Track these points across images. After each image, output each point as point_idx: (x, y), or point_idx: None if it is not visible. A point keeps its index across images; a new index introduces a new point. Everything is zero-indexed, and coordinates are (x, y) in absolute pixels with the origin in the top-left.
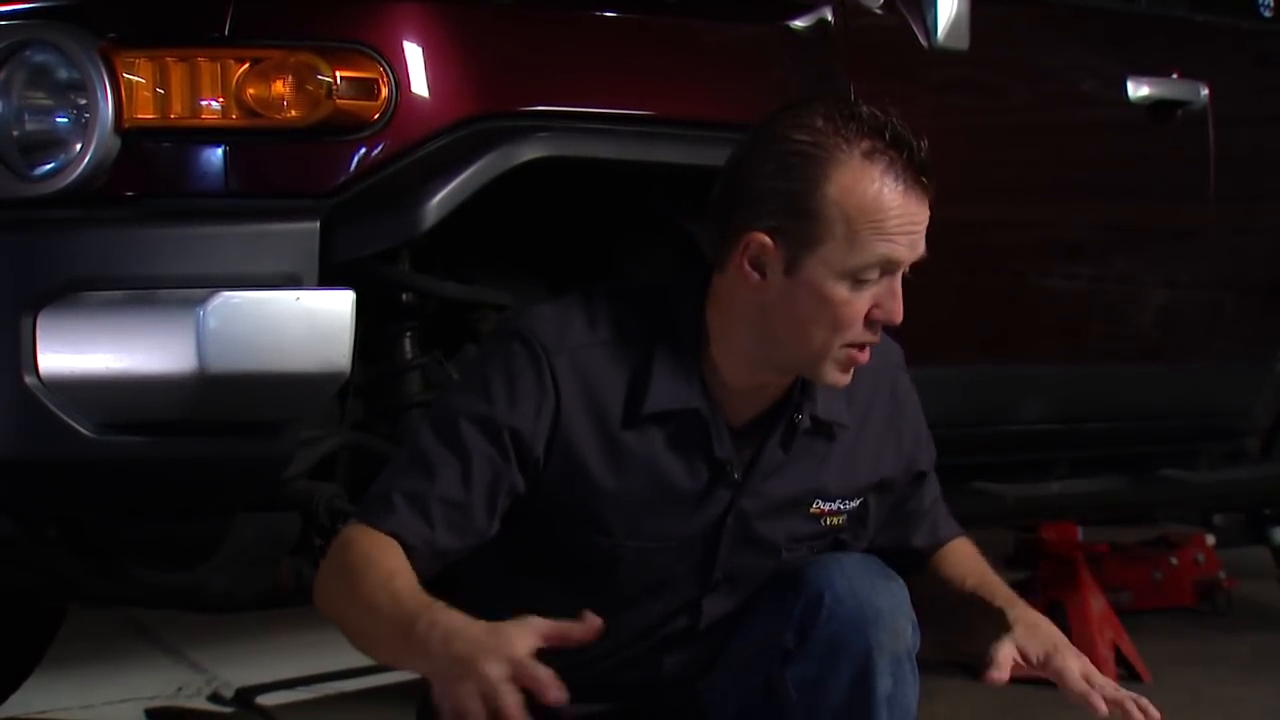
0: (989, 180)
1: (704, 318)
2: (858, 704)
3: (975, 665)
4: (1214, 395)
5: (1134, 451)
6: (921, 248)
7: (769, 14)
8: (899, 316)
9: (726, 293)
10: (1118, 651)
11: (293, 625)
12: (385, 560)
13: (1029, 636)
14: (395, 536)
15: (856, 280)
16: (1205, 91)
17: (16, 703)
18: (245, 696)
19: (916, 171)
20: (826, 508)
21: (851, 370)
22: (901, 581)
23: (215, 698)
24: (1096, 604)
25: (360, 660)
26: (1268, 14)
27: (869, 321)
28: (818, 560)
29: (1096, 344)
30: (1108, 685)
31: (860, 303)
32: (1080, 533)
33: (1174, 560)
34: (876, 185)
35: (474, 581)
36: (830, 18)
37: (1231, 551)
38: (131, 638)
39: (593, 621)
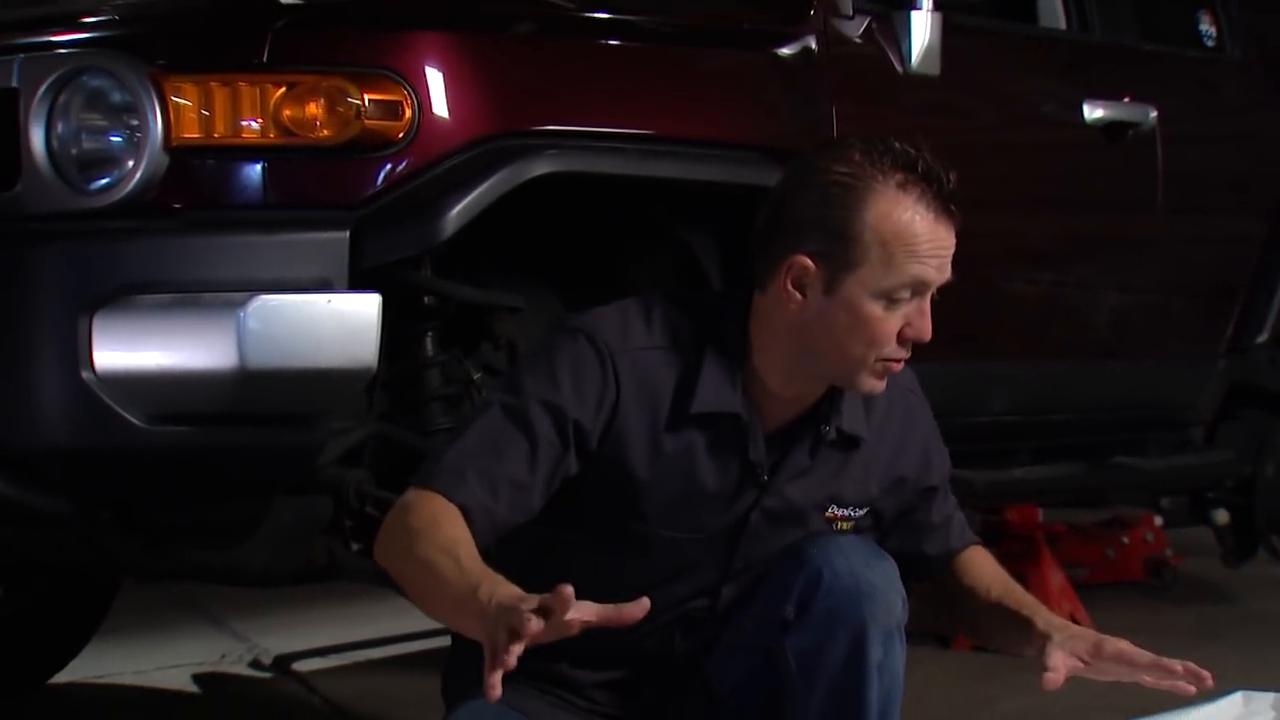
0: (960, 196)
1: (748, 332)
2: (852, 671)
3: (949, 638)
4: (1162, 389)
5: (1090, 440)
6: (949, 271)
7: (759, 43)
8: (928, 334)
9: (769, 311)
10: (1075, 621)
11: (326, 598)
12: (450, 527)
13: (1071, 638)
14: (463, 508)
15: (890, 300)
16: (1154, 114)
17: (74, 668)
18: (282, 663)
19: (945, 201)
20: (840, 513)
21: (885, 378)
22: (893, 561)
23: (255, 664)
24: (1055, 578)
25: (386, 631)
26: (1210, 43)
27: (901, 339)
28: (817, 540)
29: (1056, 343)
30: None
31: (893, 321)
32: (1041, 514)
33: (1125, 539)
34: (909, 213)
35: (514, 549)
36: (814, 46)
37: (1177, 531)
38: (179, 609)
39: (641, 603)
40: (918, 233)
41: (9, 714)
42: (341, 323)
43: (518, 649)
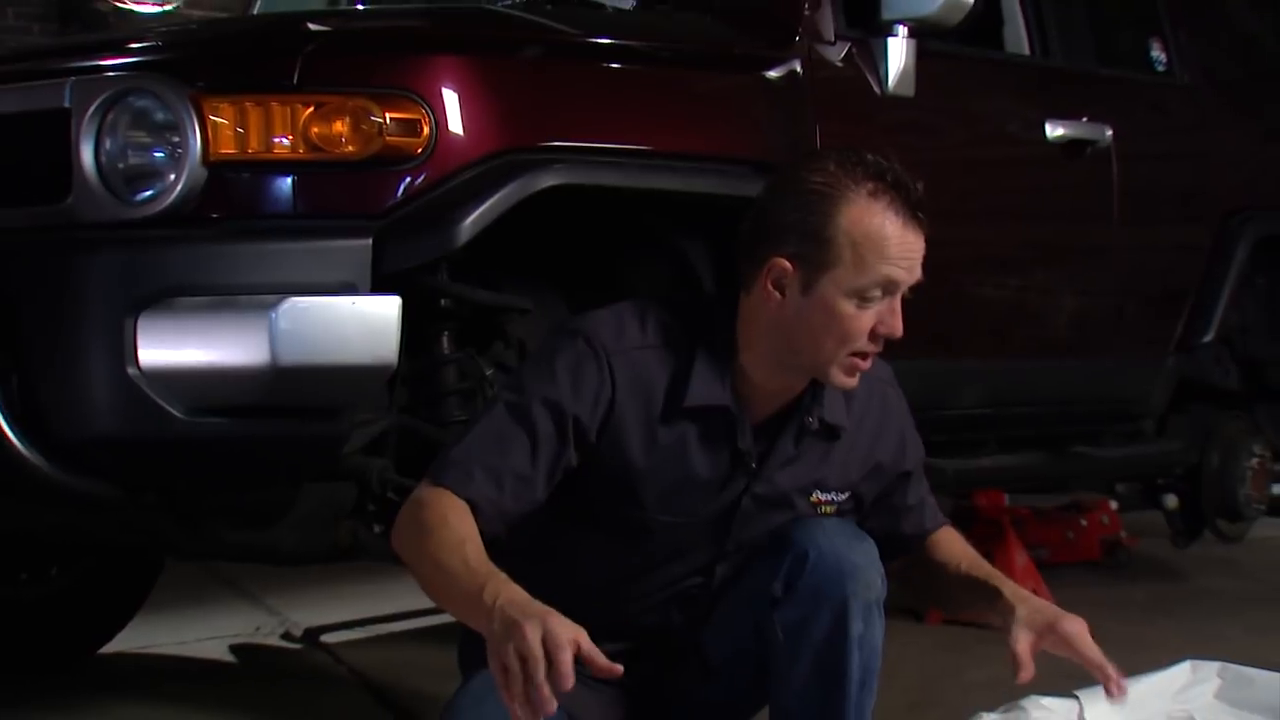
0: (933, 207)
1: (734, 331)
2: (835, 643)
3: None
4: (1117, 385)
5: (1051, 431)
6: (919, 273)
7: (748, 66)
8: (899, 331)
9: (752, 310)
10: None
11: (351, 576)
12: (459, 525)
13: (1033, 611)
14: (471, 503)
15: (862, 299)
16: (1109, 132)
17: (121, 640)
18: (312, 635)
19: (913, 208)
20: (824, 498)
21: (856, 374)
22: (872, 542)
23: (287, 636)
24: (1020, 558)
25: (407, 606)
26: (1161, 68)
27: (873, 335)
28: (802, 523)
29: (1021, 342)
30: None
31: (865, 318)
32: (1007, 499)
33: (1084, 522)
34: (880, 218)
35: (524, 535)
36: (799, 69)
37: (1131, 514)
38: (217, 586)
39: (615, 669)
40: (887, 236)
41: (63, 681)
42: (365, 323)
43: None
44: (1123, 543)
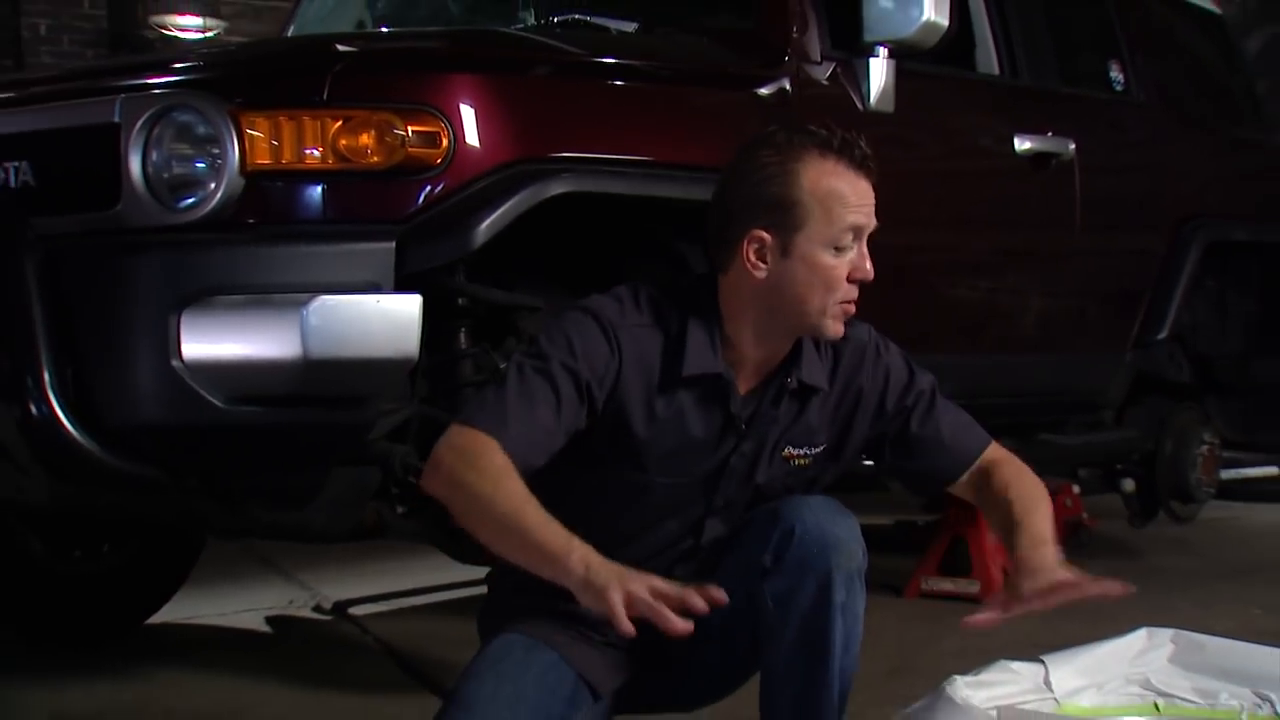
0: (911, 214)
1: (719, 308)
2: (819, 610)
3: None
4: (1079, 378)
5: (1019, 420)
6: (874, 218)
7: (742, 84)
8: (871, 273)
9: (736, 285)
10: (1006, 574)
11: (376, 553)
12: (513, 479)
13: (1028, 580)
14: (507, 449)
15: (836, 248)
16: (1073, 146)
17: (167, 611)
18: (340, 608)
19: (860, 161)
20: (796, 452)
21: (844, 318)
22: (854, 517)
23: (317, 609)
24: (991, 538)
25: (429, 581)
26: (1119, 88)
27: (850, 280)
28: (790, 500)
29: (992, 339)
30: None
31: (842, 266)
32: None
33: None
34: (836, 173)
35: (541, 494)
36: (789, 87)
37: (1092, 497)
38: (253, 563)
39: (696, 602)
40: (846, 187)
41: (114, 650)
42: (388, 319)
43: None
44: (1084, 523)
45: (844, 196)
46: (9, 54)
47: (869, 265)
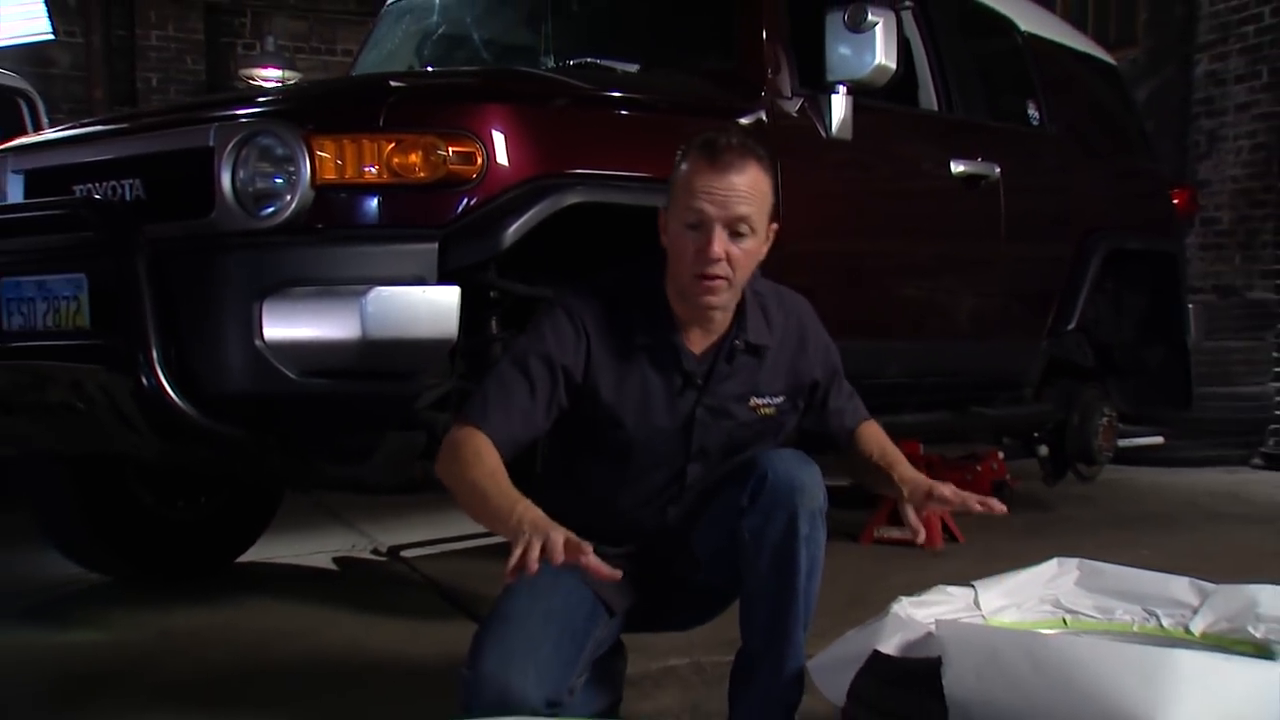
0: (865, 225)
1: (664, 282)
2: (788, 541)
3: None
4: (1004, 362)
5: (955, 396)
6: (735, 209)
7: (725, 114)
8: (711, 253)
9: (665, 259)
10: (945, 524)
11: (423, 505)
12: (489, 458)
13: (913, 491)
14: (490, 435)
15: (688, 227)
16: (998, 170)
17: (252, 553)
18: (394, 551)
19: (718, 153)
20: (760, 402)
21: (713, 294)
22: (817, 467)
23: (375, 552)
24: None
25: (468, 529)
26: (1035, 122)
27: (700, 258)
28: (765, 453)
29: (932, 329)
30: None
31: (692, 244)
32: (922, 448)
33: (979, 467)
34: (687, 166)
35: (550, 464)
36: (764, 117)
37: (1014, 461)
38: (321, 514)
39: (615, 574)
40: (691, 178)
41: (209, 582)
42: (432, 307)
43: (534, 563)
44: (1008, 483)
45: (692, 185)
46: (127, 101)
47: (711, 248)
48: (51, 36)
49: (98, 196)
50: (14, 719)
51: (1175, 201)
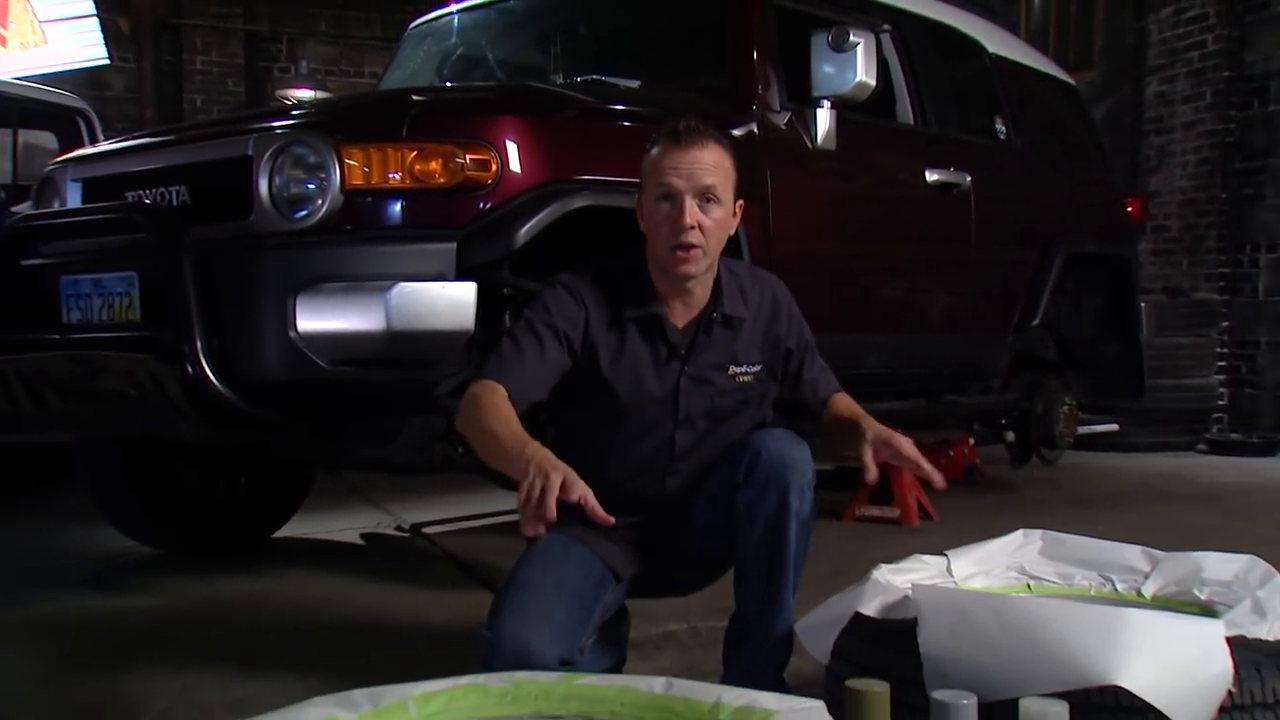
0: (847, 230)
1: (648, 262)
2: (779, 514)
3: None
4: (975, 354)
5: (930, 386)
6: (701, 180)
7: (719, 126)
8: (681, 226)
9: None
10: (920, 503)
11: (442, 485)
12: (504, 407)
13: (874, 436)
14: (506, 388)
15: (659, 200)
16: (969, 179)
17: (286, 529)
18: (416, 528)
19: (678, 135)
20: (739, 370)
21: (689, 264)
22: (807, 445)
23: (398, 529)
24: (908, 477)
25: (485, 508)
26: (1002, 136)
27: (674, 228)
28: (759, 432)
29: (909, 324)
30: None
31: (664, 217)
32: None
33: (951, 452)
34: (656, 148)
35: (556, 442)
36: (755, 130)
37: (983, 447)
38: (349, 494)
39: (608, 519)
40: (657, 156)
41: (248, 557)
42: (451, 301)
43: (552, 504)
44: (978, 466)
45: (660, 165)
46: (175, 120)
47: (682, 219)
48: (107, 62)
49: (148, 202)
50: (72, 674)
51: (1129, 210)
